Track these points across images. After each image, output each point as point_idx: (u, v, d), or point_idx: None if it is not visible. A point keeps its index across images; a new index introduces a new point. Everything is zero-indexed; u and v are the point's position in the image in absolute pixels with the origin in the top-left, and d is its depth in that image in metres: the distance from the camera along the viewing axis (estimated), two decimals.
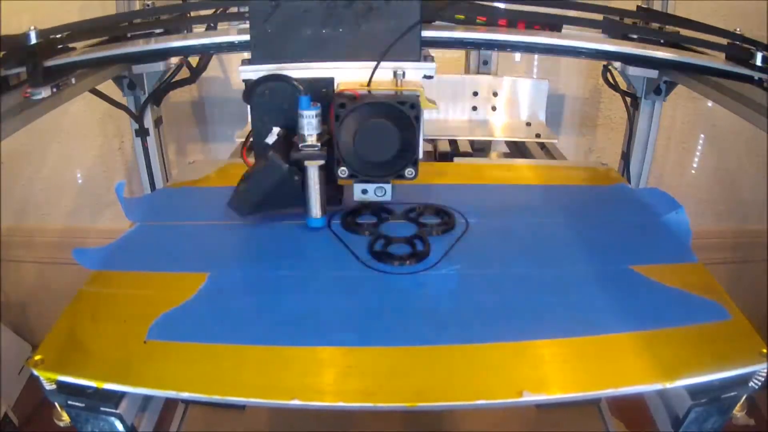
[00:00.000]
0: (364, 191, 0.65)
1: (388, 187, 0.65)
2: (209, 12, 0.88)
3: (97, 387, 0.46)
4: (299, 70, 0.64)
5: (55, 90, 0.68)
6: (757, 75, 0.71)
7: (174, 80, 0.94)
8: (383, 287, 0.58)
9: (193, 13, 0.91)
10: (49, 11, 1.12)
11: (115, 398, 0.48)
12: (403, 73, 0.63)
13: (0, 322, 1.33)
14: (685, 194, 1.42)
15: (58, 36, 0.75)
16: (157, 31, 0.87)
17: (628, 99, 0.97)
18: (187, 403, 0.90)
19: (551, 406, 0.90)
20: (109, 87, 0.87)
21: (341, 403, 0.45)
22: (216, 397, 0.45)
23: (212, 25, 0.87)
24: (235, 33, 0.82)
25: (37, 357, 0.48)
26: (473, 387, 0.46)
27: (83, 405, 0.48)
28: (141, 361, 0.48)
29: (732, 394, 0.50)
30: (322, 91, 0.65)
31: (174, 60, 0.90)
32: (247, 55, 0.67)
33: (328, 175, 0.64)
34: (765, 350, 0.49)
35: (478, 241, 0.66)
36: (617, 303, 0.55)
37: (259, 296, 0.57)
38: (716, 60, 0.76)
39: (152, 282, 0.59)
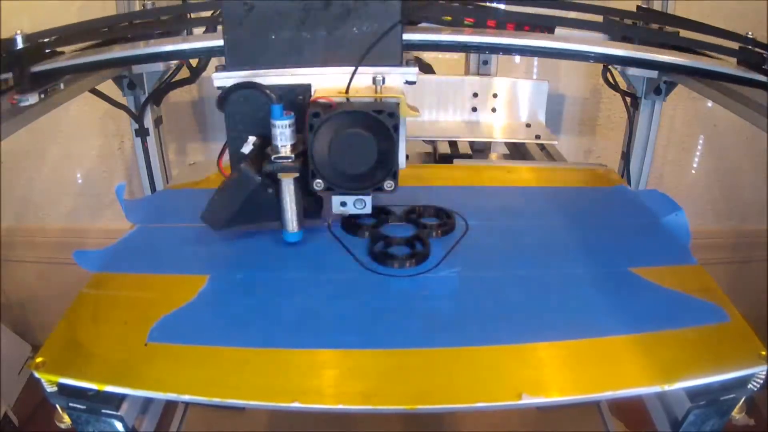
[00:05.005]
0: (343, 204, 0.62)
1: (368, 199, 0.62)
2: (208, 13, 0.88)
3: (99, 389, 0.47)
4: (275, 77, 0.61)
5: (43, 96, 0.66)
6: None
7: (174, 80, 0.94)
8: (383, 289, 0.58)
9: (192, 15, 0.91)
10: (49, 11, 1.13)
11: (116, 400, 0.49)
12: (383, 79, 0.59)
13: (0, 322, 1.33)
14: (685, 194, 1.43)
15: (46, 40, 0.73)
16: (156, 32, 0.86)
17: (628, 99, 0.97)
18: (187, 403, 0.91)
19: (551, 407, 0.90)
20: (109, 87, 0.87)
21: (341, 406, 0.45)
22: (216, 400, 0.46)
23: (211, 27, 0.87)
24: None
25: (39, 359, 0.48)
26: (473, 389, 0.46)
27: (84, 407, 0.49)
28: (142, 364, 0.48)
29: (731, 396, 0.50)
30: (298, 99, 0.61)
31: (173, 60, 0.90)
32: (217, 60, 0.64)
33: (305, 187, 0.60)
34: (764, 353, 0.49)
35: (478, 243, 0.66)
36: (616, 305, 0.55)
37: (259, 298, 0.57)
38: (727, 65, 0.75)
39: (153, 284, 0.59)
